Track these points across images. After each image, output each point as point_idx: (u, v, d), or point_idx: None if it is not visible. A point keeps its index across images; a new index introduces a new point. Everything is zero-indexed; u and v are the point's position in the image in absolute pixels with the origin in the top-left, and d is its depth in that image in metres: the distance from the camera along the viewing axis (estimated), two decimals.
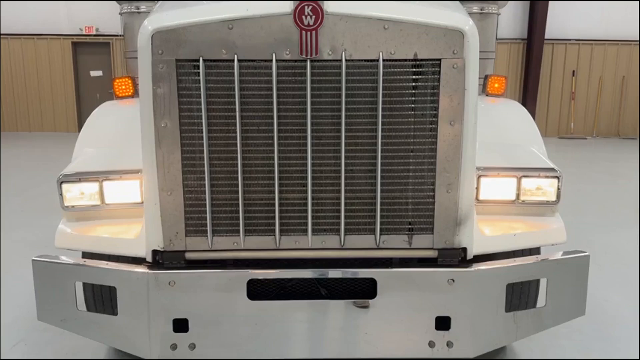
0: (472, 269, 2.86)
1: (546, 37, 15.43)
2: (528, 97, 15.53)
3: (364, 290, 2.96)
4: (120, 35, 6.57)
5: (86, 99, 15.59)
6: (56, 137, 14.73)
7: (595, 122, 16.02)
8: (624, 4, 15.26)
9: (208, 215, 2.81)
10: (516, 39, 15.63)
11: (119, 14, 4.76)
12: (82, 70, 15.75)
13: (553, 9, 15.15)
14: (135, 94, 4.21)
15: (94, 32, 15.30)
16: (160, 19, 2.71)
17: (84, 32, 15.32)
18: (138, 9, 4.43)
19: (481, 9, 4.49)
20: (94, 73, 15.56)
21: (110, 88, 4.29)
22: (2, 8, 15.19)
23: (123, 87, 4.07)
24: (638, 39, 15.34)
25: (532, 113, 15.17)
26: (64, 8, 15.24)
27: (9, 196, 8.43)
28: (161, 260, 2.89)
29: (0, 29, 15.15)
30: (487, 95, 4.22)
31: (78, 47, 15.59)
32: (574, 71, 15.81)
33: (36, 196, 8.33)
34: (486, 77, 4.25)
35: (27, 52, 15.51)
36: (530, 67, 15.54)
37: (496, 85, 4.21)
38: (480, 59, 2.84)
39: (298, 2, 2.59)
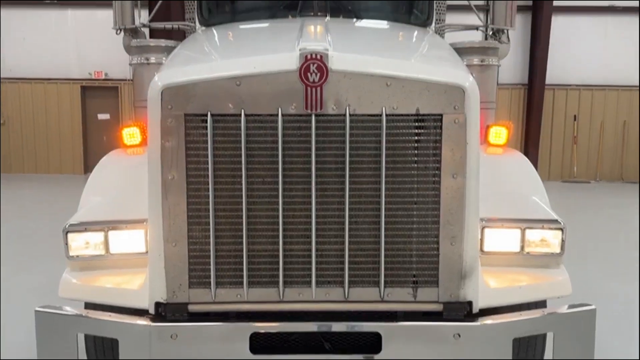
0: (478, 323, 2.84)
1: (547, 82, 15.66)
2: (530, 141, 15.64)
3: (369, 344, 2.93)
4: (129, 80, 6.72)
5: (93, 141, 15.77)
6: (62, 179, 14.83)
7: (598, 166, 16.06)
8: (623, 50, 15.55)
9: (212, 267, 2.82)
10: (517, 84, 15.87)
11: (129, 64, 4.88)
12: (89, 113, 16.01)
13: (553, 55, 15.44)
14: (143, 142, 4.27)
15: (103, 77, 15.63)
16: (170, 75, 2.80)
17: (93, 77, 15.66)
18: (147, 60, 4.55)
19: (482, 61, 4.60)
20: (101, 116, 15.81)
21: (117, 131, 4.35)
22: (15, 53, 15.59)
23: (131, 136, 4.13)
24: (638, 84, 15.55)
25: (535, 157, 15.24)
26: (75, 53, 15.63)
27: (12, 239, 8.44)
28: (164, 312, 2.88)
29: (0, 72, 15.49)
30: (488, 146, 4.27)
31: (87, 90, 15.90)
32: (575, 116, 15.97)
33: (40, 240, 8.32)
34: (488, 127, 4.31)
35: (37, 96, 15.81)
36: (531, 111, 15.71)
37: (498, 135, 4.25)
38: (481, 109, 2.91)
39: (304, 60, 2.67)
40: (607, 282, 6.63)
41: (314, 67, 2.68)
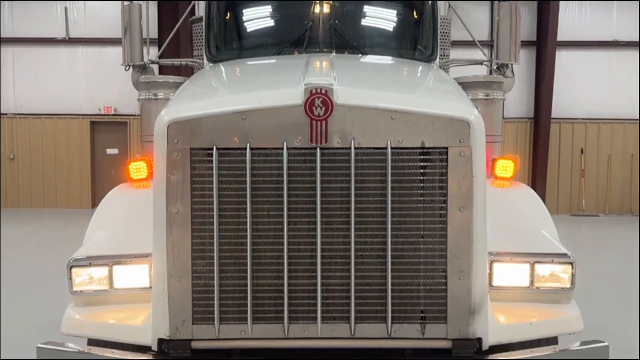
0: None
1: (553, 116, 15.72)
2: (537, 174, 15.60)
3: None
4: (137, 115, 6.78)
5: (101, 176, 15.90)
6: (70, 213, 14.87)
7: (607, 200, 15.95)
8: (627, 84, 15.63)
9: (216, 302, 2.78)
10: (523, 118, 15.94)
11: (137, 99, 4.94)
12: (98, 148, 16.20)
13: (558, 89, 15.55)
14: (149, 176, 4.28)
15: (112, 112, 15.87)
16: (176, 110, 2.82)
17: (102, 112, 15.90)
18: (156, 95, 4.61)
19: (486, 95, 4.62)
20: (110, 151, 15.98)
21: (125, 165, 4.36)
22: (27, 90, 15.90)
23: (137, 170, 4.14)
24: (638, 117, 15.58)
25: (543, 191, 15.16)
26: (85, 90, 15.93)
27: (18, 274, 8.41)
28: (167, 349, 2.83)
29: None
30: (495, 179, 4.24)
31: (96, 126, 16.12)
32: (582, 149, 15.96)
33: (42, 275, 8.28)
34: (494, 161, 4.29)
35: (47, 131, 16.04)
36: (538, 145, 15.73)
37: (504, 168, 4.23)
38: (487, 142, 2.90)
39: (309, 94, 2.69)
40: (616, 317, 6.47)
41: (319, 101, 2.70)
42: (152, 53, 5.91)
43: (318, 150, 2.73)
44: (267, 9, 5.14)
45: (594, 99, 15.81)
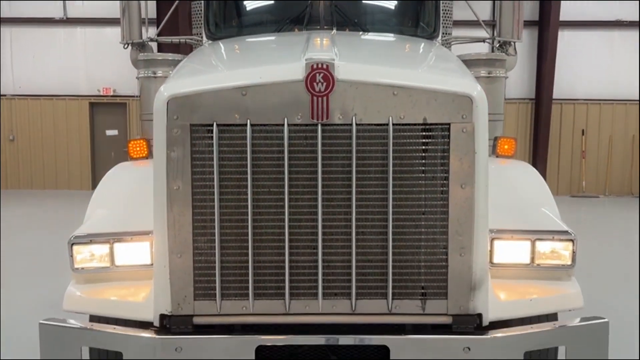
0: (489, 336, 2.78)
1: (554, 96, 15.62)
2: (538, 155, 15.56)
3: (376, 357, 2.87)
4: (136, 96, 6.77)
5: (101, 157, 15.87)
6: (70, 195, 14.87)
7: (607, 181, 15.94)
8: (629, 65, 15.50)
9: (217, 279, 2.79)
10: (524, 98, 15.84)
11: (136, 77, 4.92)
12: (98, 129, 16.13)
13: (560, 69, 15.43)
14: (149, 155, 4.28)
15: (111, 93, 15.78)
16: (176, 85, 2.80)
17: (101, 93, 15.80)
18: (155, 73, 4.59)
19: (489, 73, 4.60)
20: (109, 132, 15.91)
21: (125, 147, 4.36)
22: (25, 70, 15.79)
23: (138, 148, 4.14)
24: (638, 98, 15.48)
25: (543, 172, 15.13)
26: (83, 70, 15.81)
27: (19, 254, 8.44)
28: (169, 325, 2.84)
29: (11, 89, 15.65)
30: (497, 157, 4.24)
31: (95, 107, 16.04)
32: (583, 130, 15.90)
33: (44, 256, 8.32)
34: (496, 139, 4.28)
35: (46, 112, 15.96)
36: (539, 126, 15.66)
37: (506, 146, 4.23)
38: (489, 120, 2.88)
39: (309, 69, 2.66)
40: (615, 296, 6.51)
41: (320, 76, 2.67)
42: (151, 32, 5.87)
43: (319, 127, 2.71)
44: None
45: (595, 80, 15.69)
